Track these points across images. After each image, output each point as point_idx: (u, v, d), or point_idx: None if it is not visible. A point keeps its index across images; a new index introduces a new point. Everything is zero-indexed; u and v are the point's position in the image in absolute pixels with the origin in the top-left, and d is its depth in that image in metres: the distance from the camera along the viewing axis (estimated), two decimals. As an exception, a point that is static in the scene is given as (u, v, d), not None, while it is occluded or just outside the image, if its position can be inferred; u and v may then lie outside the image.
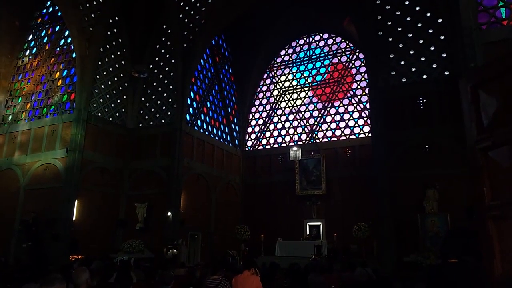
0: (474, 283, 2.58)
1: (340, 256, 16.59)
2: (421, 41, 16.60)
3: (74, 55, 19.23)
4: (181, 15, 20.76)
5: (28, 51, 21.93)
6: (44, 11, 22.17)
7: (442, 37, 16.30)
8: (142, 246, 16.41)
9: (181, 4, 20.60)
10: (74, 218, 16.79)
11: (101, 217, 17.85)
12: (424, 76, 16.50)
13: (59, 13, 20.20)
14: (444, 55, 16.29)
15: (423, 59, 16.56)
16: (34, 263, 8.92)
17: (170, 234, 17.55)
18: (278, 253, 18.18)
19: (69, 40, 19.99)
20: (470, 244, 2.69)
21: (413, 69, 16.64)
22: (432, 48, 16.44)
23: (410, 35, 16.79)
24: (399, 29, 16.98)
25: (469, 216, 11.69)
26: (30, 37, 22.09)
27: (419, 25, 16.69)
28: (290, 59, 25.85)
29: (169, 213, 17.92)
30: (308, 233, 20.42)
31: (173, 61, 20.80)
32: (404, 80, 16.75)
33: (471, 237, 2.72)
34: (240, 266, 8.00)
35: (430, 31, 16.54)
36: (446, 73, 16.13)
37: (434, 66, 16.37)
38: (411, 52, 16.73)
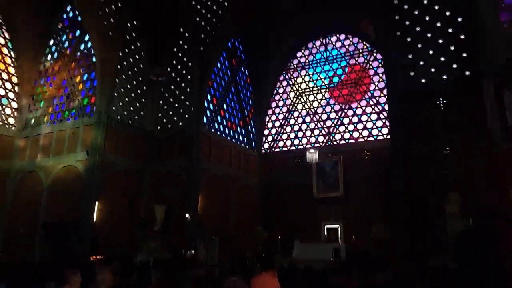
0: (499, 279, 2.58)
1: (359, 259, 16.38)
2: (440, 41, 16.32)
3: (94, 59, 19.61)
4: (197, 18, 20.96)
5: (49, 56, 22.46)
6: (65, 16, 22.70)
7: (462, 37, 15.98)
8: (161, 247, 16.58)
9: (198, 7, 20.79)
10: (95, 219, 17.10)
11: (121, 219, 18.12)
12: (444, 77, 16.20)
13: (79, 18, 20.66)
14: (464, 54, 15.96)
15: (442, 59, 16.27)
16: (58, 264, 9.13)
17: (188, 235, 17.70)
18: (295, 255, 18.08)
19: (89, 44, 20.40)
20: (485, 240, 2.73)
21: (433, 70, 16.36)
22: (452, 48, 16.14)
23: (429, 35, 16.51)
24: (418, 28, 16.73)
25: (491, 218, 11.43)
26: (52, 42, 22.62)
27: (438, 24, 16.41)
28: (306, 61, 25.77)
29: (187, 215, 18.08)
30: (326, 235, 20.25)
31: (190, 64, 21.02)
32: (423, 80, 16.49)
33: (482, 238, 2.77)
34: (258, 267, 8.01)
35: (450, 30, 16.24)
36: (467, 73, 15.80)
37: (454, 66, 16.07)
38: (430, 52, 16.45)
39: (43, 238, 17.25)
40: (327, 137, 23.33)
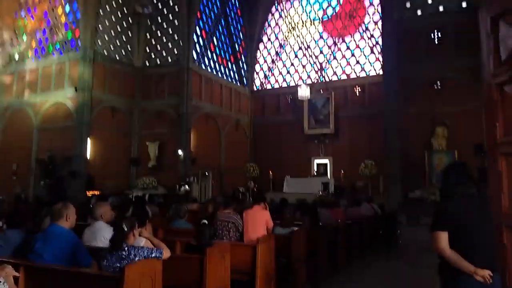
0: (481, 214, 2.67)
1: (347, 193, 17.04)
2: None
3: (75, -12, 18.49)
4: None
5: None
6: None
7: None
8: (156, 183, 16.97)
9: None
10: (88, 157, 17.23)
11: (114, 156, 18.25)
12: (441, 8, 15.73)
13: None
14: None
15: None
16: (54, 199, 9.30)
17: (182, 171, 18.04)
18: (286, 190, 18.68)
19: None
20: (471, 175, 2.76)
21: (430, 1, 15.82)
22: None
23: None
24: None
25: (477, 153, 11.75)
26: (30, -29, 21.10)
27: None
28: (300, -9, 24.53)
29: (180, 152, 18.27)
30: (315, 170, 20.80)
31: (177, -6, 19.94)
32: (419, 12, 16.01)
33: (470, 169, 2.79)
34: (250, 201, 8.28)
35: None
36: (464, 4, 15.34)
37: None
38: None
39: (38, 174, 17.47)
40: (319, 73, 23.01)
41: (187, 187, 17.07)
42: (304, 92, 19.50)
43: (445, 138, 14.91)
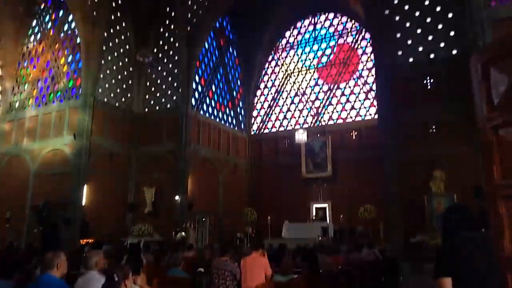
0: (484, 258, 2.59)
1: (347, 238, 16.71)
2: (428, 20, 16.30)
3: (78, 40, 19.13)
4: (184, -3, 20.51)
5: (32, 37, 21.85)
6: (47, -4, 21.98)
7: (450, 15, 15.99)
8: (151, 230, 16.62)
9: (184, -14, 20.31)
10: (83, 203, 17.00)
11: (110, 202, 18.03)
12: (432, 56, 16.26)
13: (62, -2, 20.04)
14: (452, 33, 15.99)
15: (430, 38, 16.29)
16: (46, 248, 9.07)
17: (178, 217, 17.75)
18: (285, 235, 18.33)
19: (73, 25, 19.84)
20: (472, 218, 2.71)
21: (420, 49, 16.39)
22: (440, 27, 16.14)
23: (417, 13, 16.47)
24: (406, 7, 16.65)
25: (476, 196, 11.67)
26: (34, 22, 21.97)
27: (427, 2, 16.36)
28: (295, 40, 25.54)
29: (176, 197, 18.09)
30: (314, 215, 20.52)
31: (177, 45, 20.64)
32: (411, 59, 16.53)
33: (471, 211, 2.74)
34: (248, 248, 8.09)
35: (438, 8, 16.21)
36: (454, 51, 15.88)
37: (442, 45, 16.11)
38: (418, 31, 16.44)
39: (32, 222, 17.14)
40: (315, 118, 23.37)
41: (183, 233, 16.71)
42: (301, 136, 19.69)
43: (443, 181, 14.84)
